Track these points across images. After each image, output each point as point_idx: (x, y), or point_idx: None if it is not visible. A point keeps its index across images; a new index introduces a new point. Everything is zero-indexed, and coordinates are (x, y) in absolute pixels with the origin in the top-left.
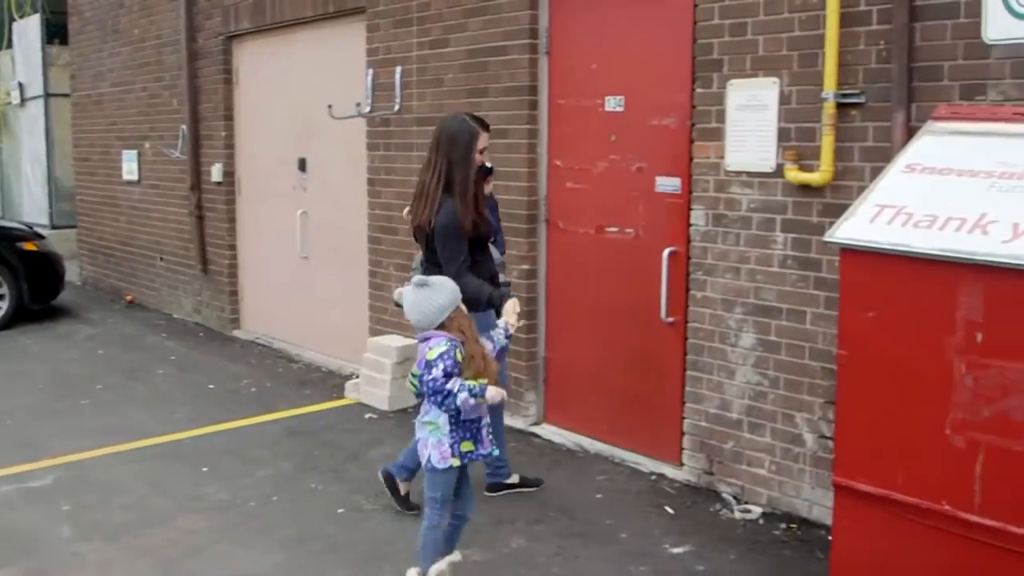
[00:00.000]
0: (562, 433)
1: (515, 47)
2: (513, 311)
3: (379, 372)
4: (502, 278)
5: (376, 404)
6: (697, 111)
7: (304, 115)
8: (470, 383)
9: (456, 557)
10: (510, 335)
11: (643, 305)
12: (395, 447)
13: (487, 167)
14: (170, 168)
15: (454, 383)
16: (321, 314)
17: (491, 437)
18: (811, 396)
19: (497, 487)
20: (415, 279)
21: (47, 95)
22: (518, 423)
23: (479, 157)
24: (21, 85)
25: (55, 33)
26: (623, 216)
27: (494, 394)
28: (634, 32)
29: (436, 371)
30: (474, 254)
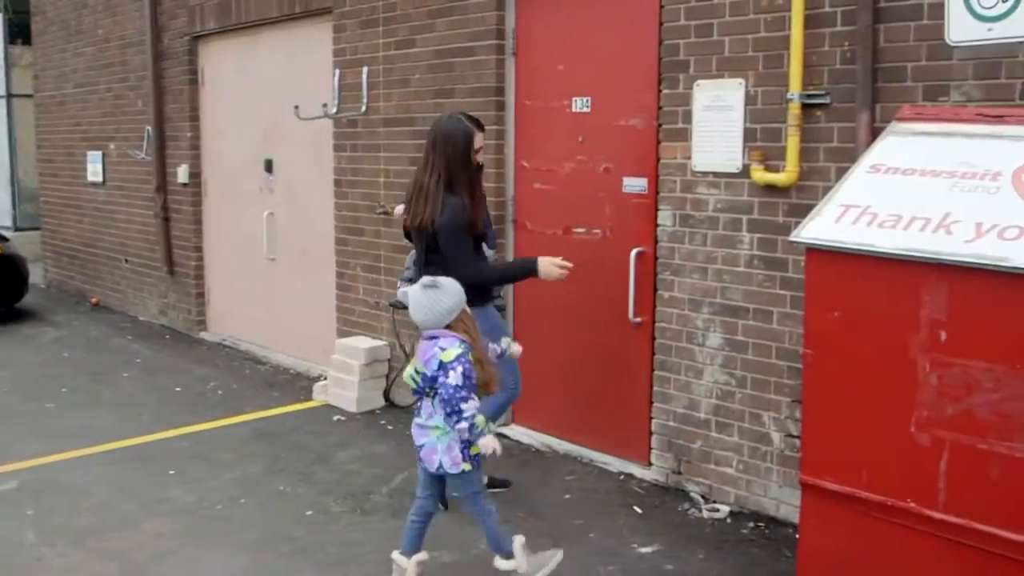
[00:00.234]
0: (530, 434)
1: (482, 48)
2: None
3: (347, 374)
4: (498, 301)
5: (344, 406)
6: (664, 112)
7: (270, 116)
8: (479, 421)
9: (423, 556)
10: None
11: (611, 305)
12: (363, 449)
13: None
14: (135, 169)
15: (471, 406)
16: (288, 316)
17: None
18: (778, 395)
19: None
20: (424, 280)
21: (9, 96)
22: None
23: (476, 156)
24: None
25: (18, 33)
26: (590, 217)
27: (487, 445)
28: (601, 33)
29: (455, 377)
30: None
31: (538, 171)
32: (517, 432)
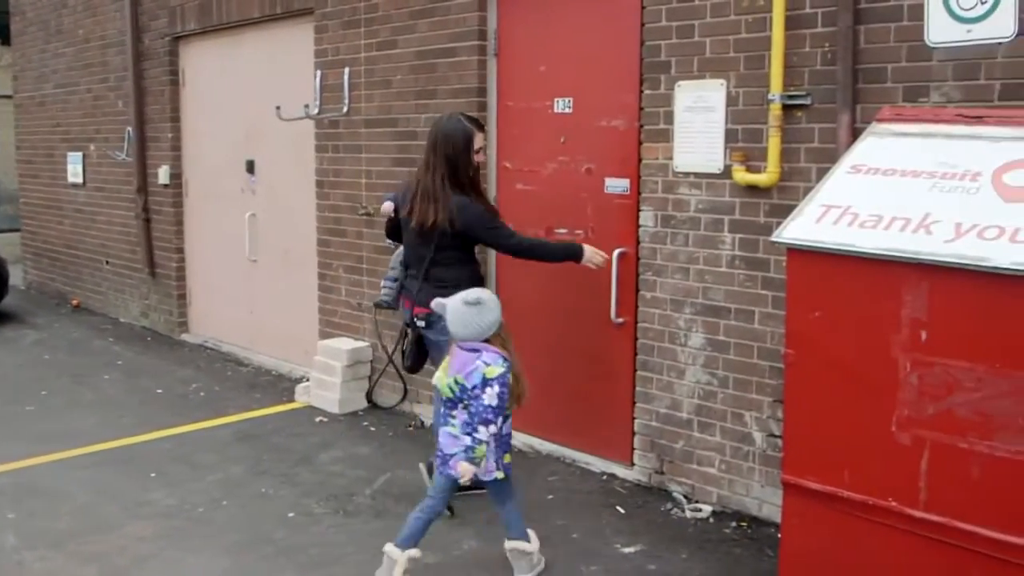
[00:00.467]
0: (513, 434)
1: (463, 48)
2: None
3: (329, 375)
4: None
5: (326, 407)
6: (645, 112)
7: (252, 117)
8: (479, 451)
9: (416, 553)
10: None
11: (593, 306)
12: (346, 450)
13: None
14: (116, 170)
15: (489, 431)
16: (270, 317)
17: None
18: (760, 395)
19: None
20: (468, 296)
21: None
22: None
23: (477, 157)
24: None
25: None
26: (573, 217)
27: (465, 470)
28: (583, 34)
29: (490, 396)
30: (466, 251)
31: (520, 172)
32: None
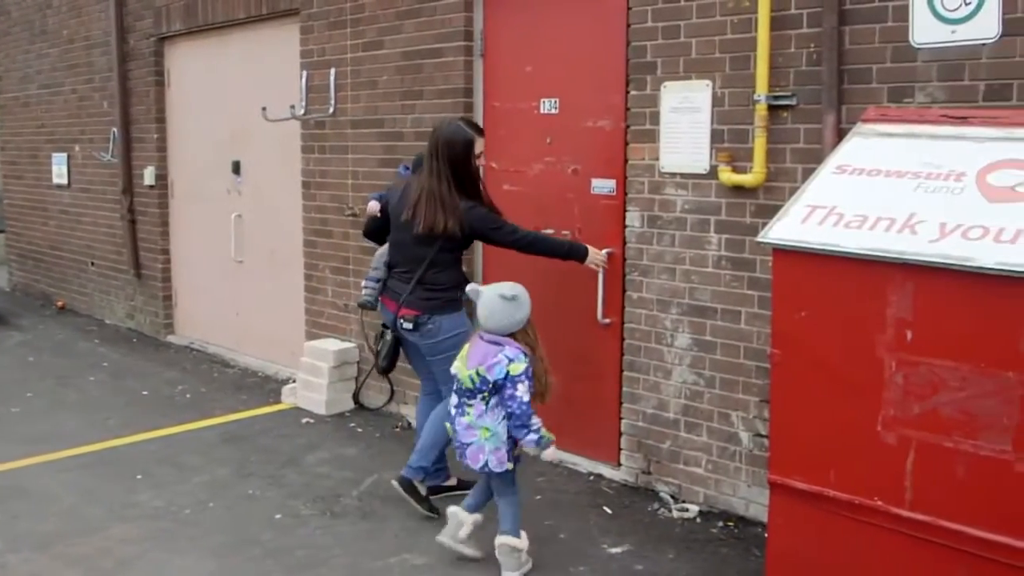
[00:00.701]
0: None
1: (450, 49)
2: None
3: (316, 376)
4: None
5: (313, 408)
6: (631, 113)
7: (238, 117)
8: (544, 432)
9: (479, 518)
10: None
11: (580, 307)
12: (332, 452)
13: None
14: (101, 171)
15: (538, 420)
16: (257, 318)
17: None
18: (746, 395)
19: (436, 490)
20: (504, 290)
21: None
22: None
23: (477, 161)
24: None
25: None
26: (559, 218)
27: (552, 456)
28: (569, 35)
29: (523, 391)
30: (460, 254)
31: (507, 172)
32: None
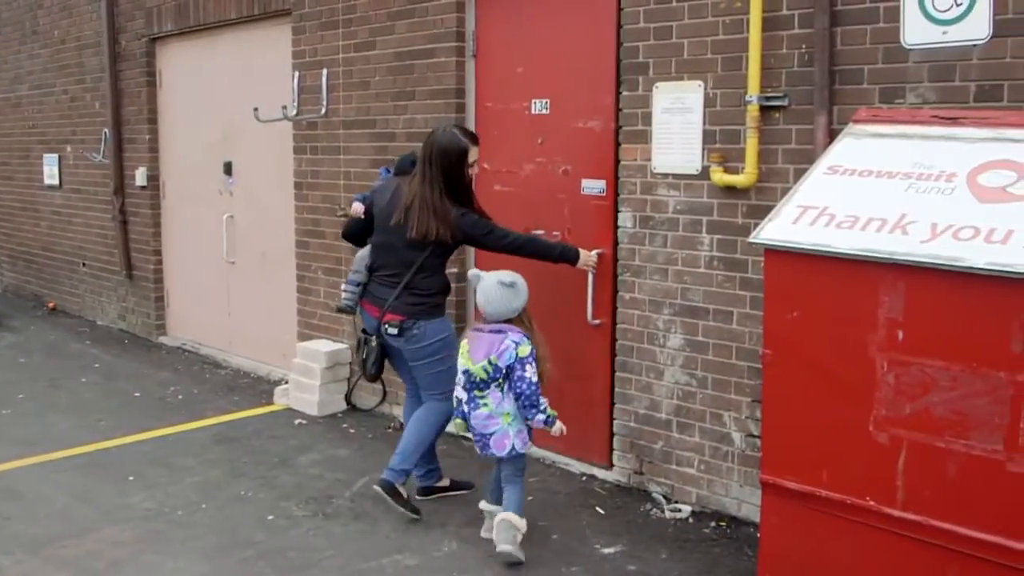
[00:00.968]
0: None
1: (442, 50)
2: None
3: (308, 377)
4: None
5: (305, 409)
6: (623, 114)
7: (230, 118)
8: (550, 410)
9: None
10: None
11: (570, 308)
12: (325, 453)
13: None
14: (93, 172)
15: (545, 400)
16: (249, 319)
17: None
18: (738, 395)
19: (429, 491)
20: (503, 278)
21: None
22: (448, 427)
23: (471, 170)
24: None
25: None
26: (550, 218)
27: (560, 429)
28: (561, 35)
29: (532, 372)
30: (446, 260)
31: (499, 173)
32: None
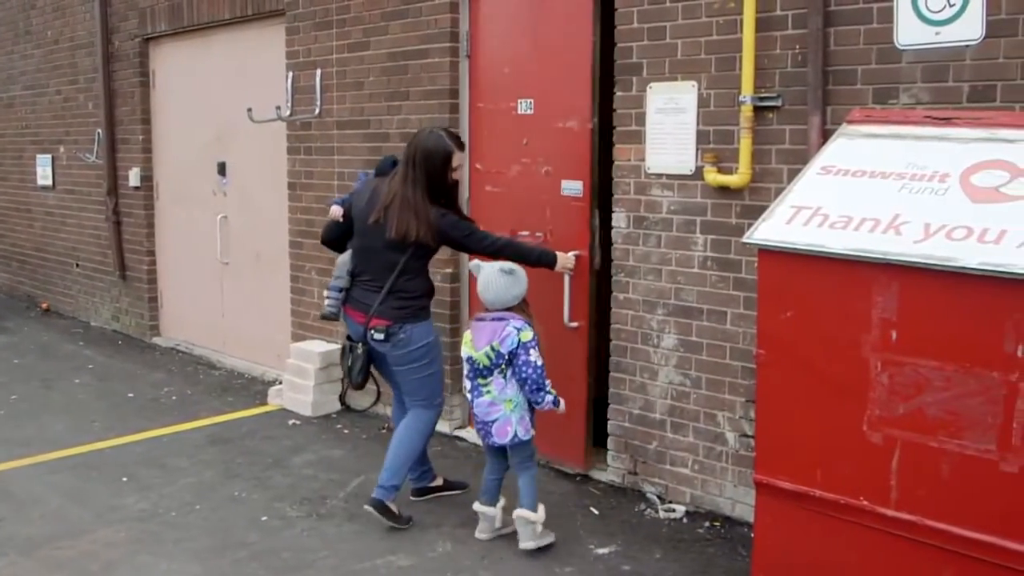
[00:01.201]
0: None
1: (435, 50)
2: None
3: (302, 378)
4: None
5: (299, 410)
6: (617, 114)
7: (223, 119)
8: (554, 393)
9: (503, 502)
10: None
11: (547, 310)
12: (319, 453)
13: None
14: (86, 173)
15: (549, 382)
16: (243, 320)
17: None
18: (732, 395)
19: (422, 491)
20: (502, 266)
21: None
22: (443, 427)
23: (453, 175)
24: None
25: None
26: (533, 220)
27: (563, 408)
28: (555, 35)
29: (536, 355)
30: (428, 262)
31: (489, 173)
32: (473, 435)
